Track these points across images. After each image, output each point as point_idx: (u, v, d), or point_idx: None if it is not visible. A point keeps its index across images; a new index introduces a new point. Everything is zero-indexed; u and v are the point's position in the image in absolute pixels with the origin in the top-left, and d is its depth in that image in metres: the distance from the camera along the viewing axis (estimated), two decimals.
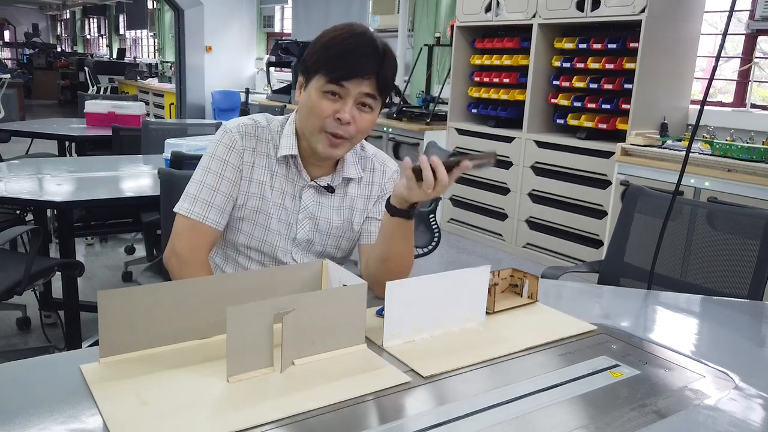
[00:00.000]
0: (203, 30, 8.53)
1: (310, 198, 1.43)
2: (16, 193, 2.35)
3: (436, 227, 3.19)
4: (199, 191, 1.36)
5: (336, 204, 1.46)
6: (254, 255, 1.45)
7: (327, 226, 1.45)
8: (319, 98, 1.30)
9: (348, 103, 1.29)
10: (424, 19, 6.10)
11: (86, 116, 4.46)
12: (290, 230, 1.43)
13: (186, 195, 1.38)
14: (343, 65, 1.27)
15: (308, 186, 1.42)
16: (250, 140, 1.39)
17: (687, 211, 2.01)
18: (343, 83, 1.28)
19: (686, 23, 3.99)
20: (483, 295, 1.25)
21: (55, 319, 3.04)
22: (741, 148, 3.34)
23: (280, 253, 1.44)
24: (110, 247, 4.41)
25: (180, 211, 1.37)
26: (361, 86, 1.29)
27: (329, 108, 1.30)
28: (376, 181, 1.50)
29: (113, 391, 0.93)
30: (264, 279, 1.18)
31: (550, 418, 0.93)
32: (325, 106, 1.30)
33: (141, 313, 1.03)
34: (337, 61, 1.27)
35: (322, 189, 1.43)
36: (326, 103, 1.30)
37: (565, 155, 4.25)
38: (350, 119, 1.30)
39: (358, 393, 0.96)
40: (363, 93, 1.29)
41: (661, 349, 1.20)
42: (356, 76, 1.27)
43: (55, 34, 21.11)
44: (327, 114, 1.30)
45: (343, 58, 1.27)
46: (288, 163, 1.41)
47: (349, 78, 1.27)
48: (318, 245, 1.47)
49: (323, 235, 1.46)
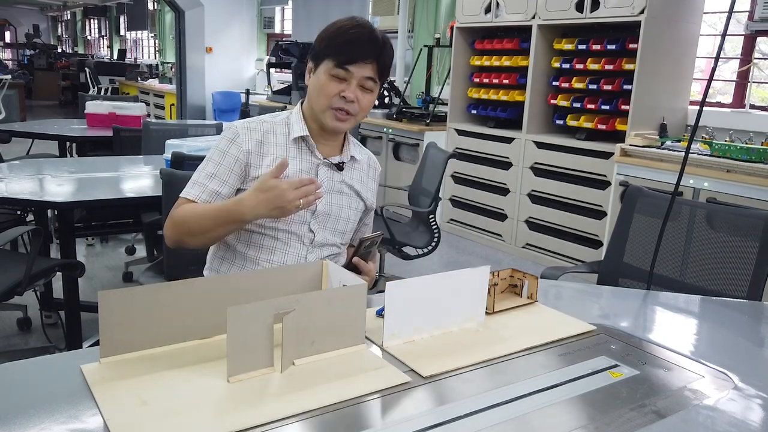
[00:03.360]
0: (204, 31, 8.54)
1: (325, 174, 1.57)
2: (16, 194, 2.36)
3: (436, 228, 3.19)
4: (198, 177, 1.51)
5: (346, 179, 1.61)
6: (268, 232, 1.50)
7: (339, 198, 1.59)
8: (327, 80, 1.48)
9: (352, 84, 1.48)
10: (424, 20, 6.10)
11: (87, 117, 4.46)
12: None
13: (188, 182, 1.51)
14: (348, 51, 1.46)
15: (322, 164, 1.57)
16: (255, 133, 1.52)
17: (686, 212, 2.01)
18: (347, 67, 1.46)
19: (685, 24, 4.00)
20: (483, 296, 1.26)
21: (56, 320, 3.05)
22: (740, 148, 3.35)
23: (294, 226, 1.51)
24: (111, 248, 4.41)
25: (181, 195, 1.50)
26: (364, 70, 1.47)
27: (336, 88, 1.48)
28: (371, 176, 1.70)
29: (114, 391, 0.93)
30: (264, 279, 1.19)
31: (550, 418, 0.93)
32: (332, 87, 1.48)
33: (141, 314, 1.04)
34: (343, 47, 1.46)
35: (334, 166, 1.58)
36: (333, 84, 1.48)
37: (564, 156, 4.25)
38: (354, 98, 1.48)
39: (358, 393, 0.96)
40: (365, 76, 1.48)
41: (660, 350, 1.20)
42: (359, 60, 1.46)
43: (55, 35, 21.12)
44: (334, 93, 1.48)
45: (348, 46, 1.46)
46: (299, 145, 1.55)
47: (353, 62, 1.46)
48: (333, 217, 1.58)
49: (338, 207, 1.59)
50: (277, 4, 8.85)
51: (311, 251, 1.54)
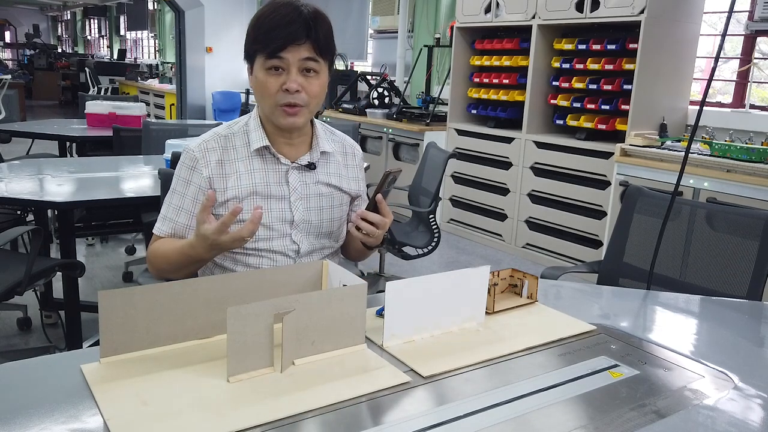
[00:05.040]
0: (204, 31, 8.54)
1: (297, 179, 1.47)
2: (16, 194, 2.36)
3: (436, 227, 3.19)
4: (167, 211, 1.46)
5: (321, 179, 1.50)
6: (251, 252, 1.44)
7: (318, 200, 1.49)
8: (265, 77, 1.36)
9: (291, 72, 1.34)
10: (424, 20, 6.10)
11: (87, 117, 4.46)
12: (285, 215, 1.45)
13: (159, 216, 1.47)
14: (275, 37, 1.32)
15: (291, 168, 1.46)
16: (213, 153, 1.43)
17: (686, 212, 2.01)
18: (280, 55, 1.33)
19: (685, 24, 4.00)
20: (483, 296, 1.26)
21: (56, 319, 3.05)
22: (740, 148, 3.34)
23: (276, 243, 1.44)
24: (111, 248, 4.41)
25: (154, 231, 1.47)
26: (299, 52, 1.33)
27: (276, 83, 1.35)
28: (350, 164, 1.58)
29: (114, 391, 0.93)
30: (264, 279, 1.19)
31: (550, 418, 0.93)
32: (271, 83, 1.35)
33: (141, 313, 1.04)
34: (269, 35, 1.33)
35: (304, 168, 1.47)
36: (272, 80, 1.35)
37: (564, 156, 4.25)
38: (298, 87, 1.35)
39: (358, 393, 0.96)
40: (302, 59, 1.34)
41: (660, 349, 1.20)
42: (290, 44, 1.32)
43: (55, 35, 21.12)
44: (276, 89, 1.35)
45: (273, 32, 1.32)
46: (263, 154, 1.45)
47: (284, 47, 1.32)
48: (315, 223, 1.49)
49: (318, 210, 1.49)
50: None
51: (300, 261, 1.47)
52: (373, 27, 6.70)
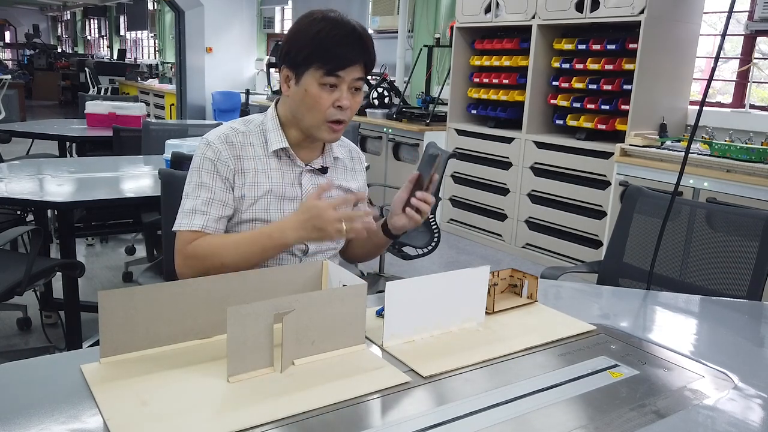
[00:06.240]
0: (204, 31, 8.54)
1: (309, 181, 1.50)
2: (16, 194, 2.36)
3: (436, 227, 3.19)
4: (195, 205, 1.40)
5: (332, 181, 1.55)
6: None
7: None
8: (318, 91, 1.38)
9: (344, 90, 1.39)
10: (424, 20, 6.10)
11: (87, 117, 4.46)
12: None
13: (183, 212, 1.41)
14: (337, 56, 1.35)
15: (305, 171, 1.50)
16: (233, 149, 1.43)
17: (686, 212, 2.01)
18: (338, 73, 1.36)
19: (685, 24, 4.00)
20: (482, 296, 1.26)
21: (56, 320, 3.05)
22: (740, 148, 3.35)
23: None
24: (111, 248, 4.41)
25: (180, 228, 1.40)
26: (354, 72, 1.38)
27: (329, 99, 1.38)
28: (357, 168, 1.64)
29: (114, 391, 0.93)
30: (264, 279, 1.19)
31: (550, 418, 0.93)
32: (325, 99, 1.38)
33: (141, 313, 1.04)
34: (330, 53, 1.35)
35: (317, 171, 1.52)
36: (325, 95, 1.38)
37: (564, 156, 4.25)
38: (348, 104, 1.40)
39: (358, 393, 0.96)
40: (355, 78, 1.39)
41: (660, 349, 1.20)
42: (350, 64, 1.37)
43: (55, 35, 21.12)
44: (327, 104, 1.39)
45: (335, 50, 1.35)
46: (279, 155, 1.47)
47: (345, 67, 1.36)
48: None
49: None
50: (277, 4, 8.85)
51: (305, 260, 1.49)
52: (373, 27, 6.70)
